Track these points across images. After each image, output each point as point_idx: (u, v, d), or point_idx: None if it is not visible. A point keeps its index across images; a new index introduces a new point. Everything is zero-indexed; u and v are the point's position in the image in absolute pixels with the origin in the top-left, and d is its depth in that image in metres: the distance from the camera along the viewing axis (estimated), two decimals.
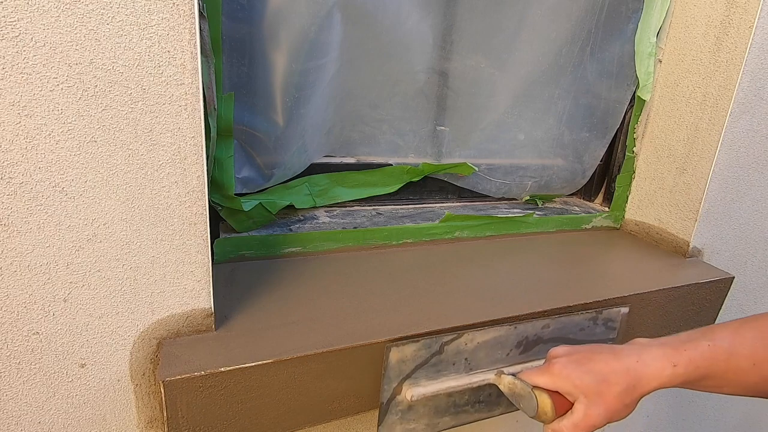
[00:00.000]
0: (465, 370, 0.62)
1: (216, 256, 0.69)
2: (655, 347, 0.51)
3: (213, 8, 0.57)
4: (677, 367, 0.49)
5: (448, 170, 0.91)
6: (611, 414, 0.50)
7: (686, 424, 1.18)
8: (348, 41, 0.73)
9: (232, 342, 0.52)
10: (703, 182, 0.88)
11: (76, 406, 0.50)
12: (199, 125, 0.47)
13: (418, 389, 0.57)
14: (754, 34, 0.80)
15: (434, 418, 0.62)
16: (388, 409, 0.58)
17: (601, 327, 0.71)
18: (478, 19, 0.83)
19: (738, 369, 0.48)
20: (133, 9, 0.42)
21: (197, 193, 0.49)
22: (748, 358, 0.48)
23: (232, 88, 0.67)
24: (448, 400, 0.62)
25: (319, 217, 0.82)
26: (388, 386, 0.57)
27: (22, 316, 0.45)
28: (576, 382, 0.50)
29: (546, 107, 0.95)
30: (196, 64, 0.45)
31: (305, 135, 0.74)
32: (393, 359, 0.56)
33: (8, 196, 0.42)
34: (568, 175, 1.03)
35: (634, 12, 0.91)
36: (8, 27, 0.38)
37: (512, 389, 0.55)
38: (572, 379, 0.51)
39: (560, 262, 0.83)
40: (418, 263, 0.77)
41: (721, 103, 0.85)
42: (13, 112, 0.40)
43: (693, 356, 0.49)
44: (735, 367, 0.48)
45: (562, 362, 0.52)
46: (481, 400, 0.64)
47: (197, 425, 0.49)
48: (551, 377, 0.52)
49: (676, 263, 0.89)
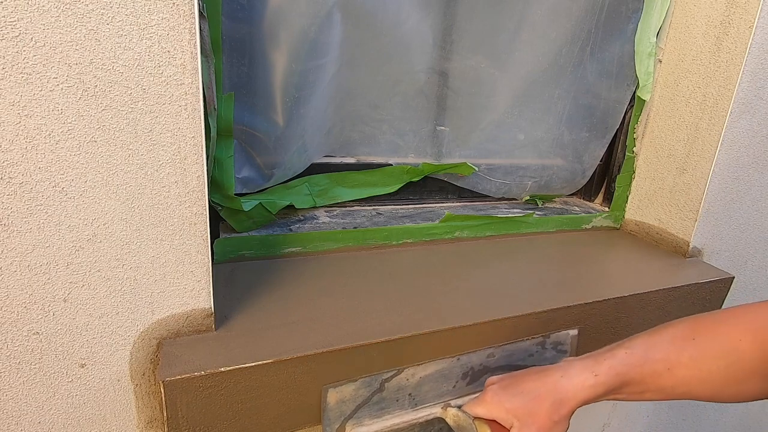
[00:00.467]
0: (410, 405, 0.60)
1: (216, 256, 0.69)
2: (577, 361, 0.53)
3: (213, 8, 0.57)
4: (598, 376, 0.50)
5: (448, 170, 0.91)
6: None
7: (686, 424, 1.18)
8: (348, 41, 0.73)
9: (232, 342, 0.52)
10: (703, 182, 0.88)
11: (76, 406, 0.50)
12: (199, 125, 0.47)
13: (361, 429, 0.56)
14: (754, 34, 0.80)
15: None
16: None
17: (550, 351, 0.69)
18: (478, 19, 0.83)
19: (654, 373, 0.50)
20: (133, 9, 0.42)
21: (197, 193, 0.49)
22: (662, 362, 0.50)
23: (232, 88, 0.67)
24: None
25: (319, 217, 0.82)
26: (329, 428, 0.56)
27: (22, 316, 0.45)
28: (507, 406, 0.51)
29: (546, 107, 0.95)
30: (196, 64, 0.45)
31: (305, 135, 0.74)
32: (332, 401, 0.55)
33: (8, 196, 0.42)
34: (568, 175, 1.03)
35: (634, 12, 0.91)
36: (8, 27, 0.38)
37: (456, 422, 0.55)
38: (504, 403, 0.52)
39: (560, 263, 0.83)
40: (418, 263, 0.77)
41: (721, 103, 0.85)
42: (13, 112, 0.40)
43: (612, 364, 0.51)
44: (651, 371, 0.50)
45: (493, 390, 0.53)
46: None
47: (197, 425, 0.49)
48: (485, 406, 0.53)
49: (676, 263, 0.89)
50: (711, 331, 0.50)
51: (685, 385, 0.50)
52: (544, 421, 0.50)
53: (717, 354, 0.49)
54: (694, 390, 0.50)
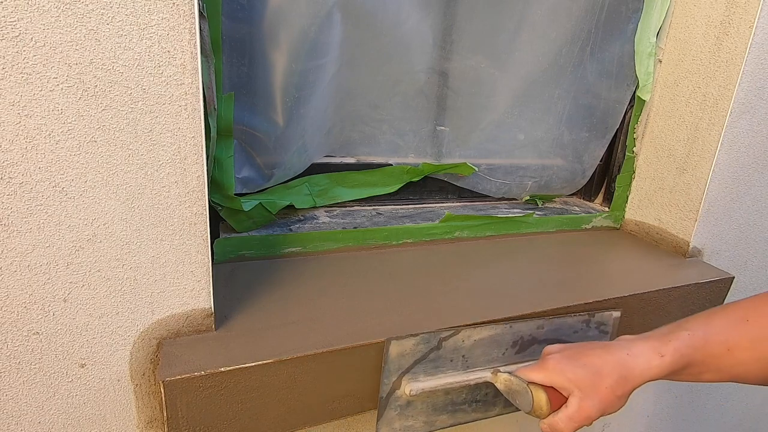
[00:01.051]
0: (462, 367, 0.62)
1: (216, 256, 0.69)
2: (641, 341, 0.54)
3: (213, 8, 0.57)
4: (664, 357, 0.51)
5: (448, 170, 0.91)
6: (605, 406, 0.51)
7: (686, 424, 1.18)
8: (348, 41, 0.73)
9: (232, 342, 0.52)
10: (703, 182, 0.88)
11: (76, 406, 0.50)
12: (199, 125, 0.47)
13: (417, 384, 0.58)
14: (754, 34, 0.80)
15: (432, 415, 0.62)
16: (387, 403, 0.58)
17: (594, 330, 0.71)
18: (478, 19, 0.83)
19: (714, 354, 0.52)
20: (133, 9, 0.42)
21: (197, 193, 0.49)
22: (721, 343, 0.52)
23: (232, 88, 0.67)
24: (446, 398, 0.62)
25: (319, 217, 0.82)
26: (387, 380, 0.57)
27: (22, 316, 0.45)
28: (570, 376, 0.52)
29: (546, 107, 0.95)
30: (196, 64, 0.45)
31: (305, 135, 0.74)
32: (393, 353, 0.56)
33: (8, 196, 0.42)
34: (568, 175, 1.03)
35: (634, 12, 0.91)
36: (8, 27, 0.38)
37: (508, 386, 0.56)
38: (566, 373, 0.52)
39: (560, 263, 0.83)
40: (418, 263, 0.77)
41: (721, 103, 0.85)
42: (13, 112, 0.40)
43: (677, 345, 0.52)
44: (711, 352, 0.52)
45: (556, 358, 0.54)
46: (478, 399, 0.65)
47: (197, 425, 0.49)
48: (546, 372, 0.53)
49: (676, 263, 0.89)
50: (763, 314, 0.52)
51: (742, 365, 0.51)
52: (606, 394, 0.51)
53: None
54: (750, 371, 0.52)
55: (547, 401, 0.52)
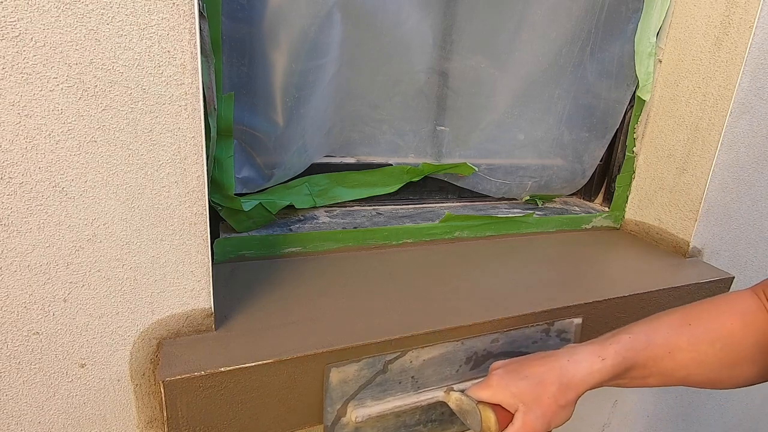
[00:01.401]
0: (413, 388, 0.60)
1: (216, 256, 0.69)
2: (582, 346, 0.53)
3: (213, 8, 0.57)
4: (605, 360, 0.51)
5: (448, 170, 0.91)
6: (549, 417, 0.51)
7: (686, 424, 1.18)
8: (348, 41, 0.73)
9: (232, 342, 0.52)
10: (703, 182, 0.88)
11: (76, 406, 0.50)
12: (199, 125, 0.47)
13: (363, 410, 0.55)
14: (754, 34, 0.80)
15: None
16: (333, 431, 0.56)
17: (554, 339, 0.69)
18: (478, 19, 0.83)
19: (655, 357, 0.52)
20: (133, 9, 0.42)
21: (197, 193, 0.49)
22: (662, 346, 0.52)
23: (232, 88, 0.67)
24: (398, 420, 0.60)
25: (319, 217, 0.82)
26: (331, 408, 0.55)
27: (22, 316, 0.45)
28: (513, 390, 0.51)
29: (546, 107, 0.95)
30: (196, 64, 0.45)
31: (305, 135, 0.74)
32: (334, 380, 0.54)
33: (8, 196, 0.42)
34: (568, 175, 1.03)
35: (634, 12, 0.91)
36: (8, 27, 0.38)
37: (459, 405, 0.54)
38: (510, 387, 0.51)
39: (560, 262, 0.83)
40: (418, 263, 0.77)
41: (721, 103, 0.85)
42: (13, 112, 0.40)
43: (618, 348, 0.52)
44: (653, 355, 0.52)
45: (499, 374, 0.53)
46: (434, 419, 0.62)
47: (197, 425, 0.49)
48: (491, 390, 0.52)
49: (675, 263, 0.89)
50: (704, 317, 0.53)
51: (684, 369, 0.51)
52: (549, 405, 0.50)
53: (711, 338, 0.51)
54: (692, 374, 0.52)
55: (495, 421, 0.51)
